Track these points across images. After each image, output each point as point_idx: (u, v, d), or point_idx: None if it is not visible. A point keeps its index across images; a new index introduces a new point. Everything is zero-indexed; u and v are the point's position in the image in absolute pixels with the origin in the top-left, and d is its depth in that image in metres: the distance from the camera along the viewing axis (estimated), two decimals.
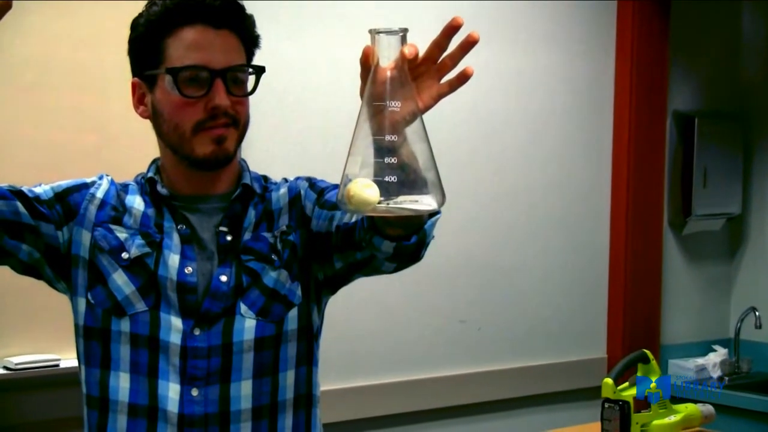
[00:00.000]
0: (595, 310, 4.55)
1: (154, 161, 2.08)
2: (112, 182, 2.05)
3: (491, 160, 4.17)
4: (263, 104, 3.47)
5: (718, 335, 5.02)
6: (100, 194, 2.01)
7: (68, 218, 1.98)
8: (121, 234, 1.97)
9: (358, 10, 3.76)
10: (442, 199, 1.61)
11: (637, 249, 4.57)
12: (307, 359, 2.09)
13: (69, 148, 3.13)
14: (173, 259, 1.97)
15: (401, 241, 1.80)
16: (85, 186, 2.02)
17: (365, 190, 1.55)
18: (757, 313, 4.80)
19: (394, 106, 1.61)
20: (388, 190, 1.57)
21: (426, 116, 1.82)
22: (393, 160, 1.59)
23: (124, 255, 1.96)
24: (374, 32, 1.62)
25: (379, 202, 1.55)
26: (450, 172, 4.04)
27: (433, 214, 1.81)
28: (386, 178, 1.57)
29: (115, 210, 2.00)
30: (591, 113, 4.50)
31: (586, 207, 4.50)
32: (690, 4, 4.82)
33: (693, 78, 4.90)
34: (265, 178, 2.13)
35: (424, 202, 1.59)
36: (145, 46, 1.98)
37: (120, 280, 1.95)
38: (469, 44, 1.73)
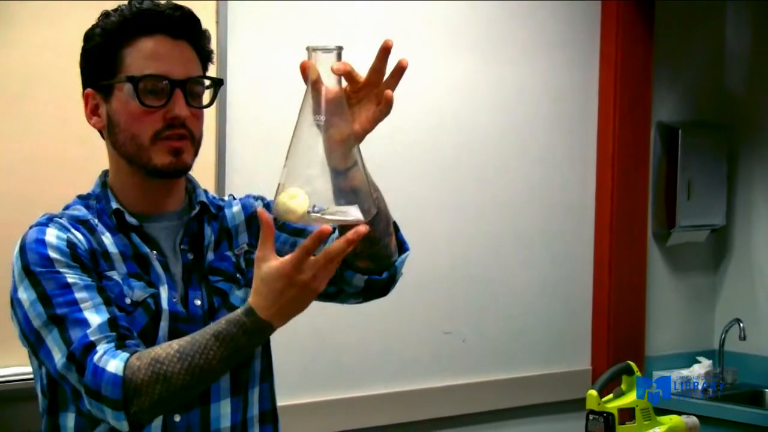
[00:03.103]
0: (579, 322, 4.55)
1: (102, 181, 2.04)
2: (71, 223, 1.96)
3: (475, 171, 4.17)
4: (247, 114, 3.48)
5: (703, 347, 5.02)
6: (85, 245, 1.93)
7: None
8: (118, 278, 1.94)
9: (340, 19, 3.76)
10: (370, 209, 1.69)
11: (621, 260, 4.58)
12: (269, 373, 2.10)
13: (54, 160, 3.12)
14: (164, 292, 1.95)
15: (372, 275, 1.89)
16: (71, 245, 1.92)
17: (290, 200, 1.63)
18: (741, 325, 4.81)
19: (327, 121, 1.68)
20: (316, 201, 1.64)
21: (410, 126, 1.84)
22: (322, 172, 1.67)
23: (127, 300, 1.92)
24: (311, 49, 1.69)
25: (309, 212, 1.63)
26: (433, 182, 4.06)
27: (401, 249, 1.96)
28: (315, 189, 1.65)
29: (104, 257, 1.95)
30: (575, 124, 4.51)
31: (571, 218, 4.51)
32: (674, 15, 4.83)
33: (677, 89, 4.91)
34: (205, 192, 2.11)
35: (351, 214, 1.67)
36: (102, 55, 1.96)
37: None
38: (399, 71, 1.76)
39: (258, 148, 3.53)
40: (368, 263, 1.89)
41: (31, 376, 3.00)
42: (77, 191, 2.09)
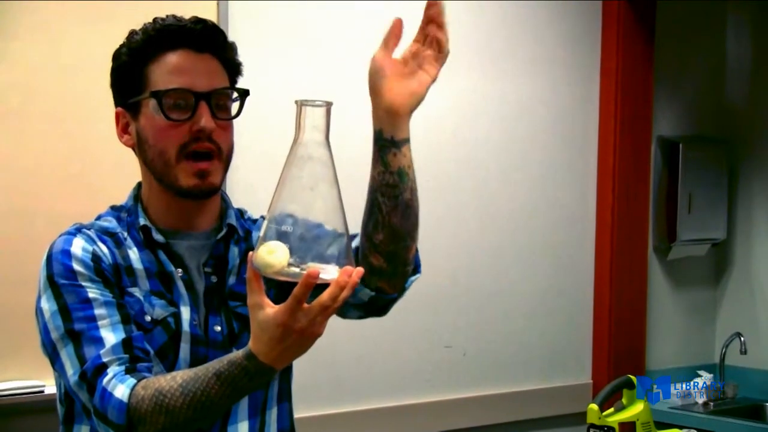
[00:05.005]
0: (580, 336, 4.55)
1: (134, 195, 2.05)
2: (99, 235, 1.97)
3: (476, 186, 4.17)
4: (247, 132, 3.47)
5: (704, 360, 5.02)
6: (109, 259, 1.94)
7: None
8: (139, 295, 1.94)
9: (343, 35, 3.77)
10: (348, 267, 1.69)
11: (622, 274, 4.58)
12: (287, 394, 2.11)
13: (54, 175, 3.12)
14: (185, 312, 1.95)
15: (380, 293, 1.99)
16: (96, 259, 1.92)
17: (269, 255, 1.65)
18: (742, 339, 4.80)
19: (312, 184, 1.72)
20: (295, 258, 1.66)
21: (412, 141, 1.85)
22: (304, 229, 1.68)
23: (147, 318, 1.92)
24: (299, 103, 1.71)
25: (289, 265, 1.64)
26: (435, 197, 4.06)
27: (414, 270, 2.10)
28: (293, 246, 1.66)
29: (127, 272, 1.95)
30: (576, 139, 4.51)
31: (571, 232, 4.51)
32: (674, 30, 4.84)
33: (678, 103, 4.92)
34: (242, 213, 2.13)
35: (329, 272, 1.68)
36: (129, 73, 1.97)
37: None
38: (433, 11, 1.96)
39: (260, 157, 3.52)
40: (383, 262, 1.94)
41: (28, 390, 3.04)
42: (77, 206, 2.10)
